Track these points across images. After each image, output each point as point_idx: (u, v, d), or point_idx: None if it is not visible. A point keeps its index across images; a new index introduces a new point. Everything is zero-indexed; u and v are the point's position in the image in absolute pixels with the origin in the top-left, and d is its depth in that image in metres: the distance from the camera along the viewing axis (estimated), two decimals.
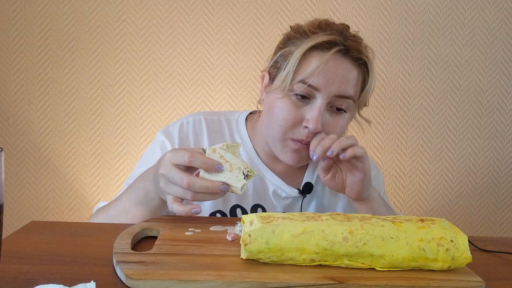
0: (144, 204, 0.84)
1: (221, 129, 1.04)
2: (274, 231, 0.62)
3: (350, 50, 0.92)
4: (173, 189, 0.75)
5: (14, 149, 1.56)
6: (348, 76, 0.92)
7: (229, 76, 1.57)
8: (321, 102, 0.91)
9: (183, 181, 0.73)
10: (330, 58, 0.91)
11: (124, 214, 0.86)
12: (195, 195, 0.74)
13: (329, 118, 0.93)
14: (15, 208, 1.57)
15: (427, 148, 1.64)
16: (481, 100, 1.64)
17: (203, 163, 0.74)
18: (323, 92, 0.91)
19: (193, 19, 1.55)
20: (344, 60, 0.92)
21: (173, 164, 0.75)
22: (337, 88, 0.91)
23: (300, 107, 0.92)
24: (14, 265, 0.61)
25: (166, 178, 0.75)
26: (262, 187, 1.03)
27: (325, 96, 0.91)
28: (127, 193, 0.87)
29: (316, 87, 0.90)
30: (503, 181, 1.67)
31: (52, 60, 1.54)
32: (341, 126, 0.95)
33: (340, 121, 0.94)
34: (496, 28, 1.60)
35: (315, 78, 0.90)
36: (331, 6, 1.56)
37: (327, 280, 0.58)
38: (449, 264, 0.62)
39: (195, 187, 0.73)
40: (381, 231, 0.62)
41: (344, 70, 0.92)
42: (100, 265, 0.63)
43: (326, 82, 0.90)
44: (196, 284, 0.56)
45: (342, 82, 0.91)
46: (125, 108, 1.56)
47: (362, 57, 0.93)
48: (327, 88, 0.90)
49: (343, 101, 0.93)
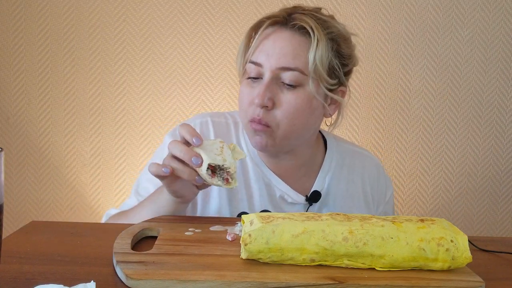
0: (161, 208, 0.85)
1: (228, 132, 1.03)
2: (274, 231, 0.62)
3: (289, 21, 0.92)
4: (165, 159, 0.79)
5: (14, 149, 1.56)
6: (287, 47, 0.90)
7: (229, 76, 1.57)
8: (266, 77, 0.91)
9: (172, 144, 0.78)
10: (271, 33, 0.92)
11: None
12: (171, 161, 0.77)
13: (281, 95, 0.91)
14: (15, 208, 1.57)
15: (427, 148, 1.64)
16: (481, 100, 1.64)
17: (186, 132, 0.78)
18: (265, 66, 0.91)
19: (193, 19, 1.55)
20: (283, 32, 0.91)
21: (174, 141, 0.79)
22: (277, 60, 0.90)
23: (254, 88, 0.92)
24: (14, 265, 0.61)
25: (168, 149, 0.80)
26: (268, 193, 1.00)
27: (267, 69, 0.90)
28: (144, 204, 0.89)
29: (259, 63, 0.91)
30: (503, 181, 1.67)
31: (52, 60, 1.54)
32: (295, 101, 0.91)
33: (292, 97, 0.91)
34: (496, 28, 1.60)
35: (257, 54, 0.92)
36: (331, 6, 1.56)
37: (327, 280, 0.58)
38: (449, 264, 0.62)
39: (174, 150, 0.77)
40: (381, 231, 0.62)
41: (284, 41, 0.91)
42: (100, 265, 0.63)
43: (266, 56, 0.90)
44: (196, 284, 0.56)
45: (282, 54, 0.90)
46: (125, 108, 1.56)
47: (302, 25, 0.91)
48: (268, 61, 0.90)
49: (289, 74, 0.90)
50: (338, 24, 0.96)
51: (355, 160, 1.08)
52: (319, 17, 0.94)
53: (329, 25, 0.94)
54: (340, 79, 0.96)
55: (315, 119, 0.96)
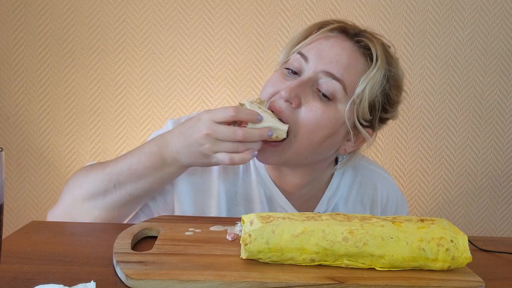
0: (159, 170, 0.82)
1: None
2: (274, 231, 0.62)
3: (356, 35, 0.86)
4: (223, 146, 0.76)
5: (14, 149, 1.56)
6: (343, 57, 0.83)
7: (229, 76, 1.57)
8: (305, 75, 0.83)
9: (238, 134, 0.75)
10: (332, 37, 0.85)
11: (127, 174, 0.82)
12: (246, 145, 0.77)
13: (311, 99, 0.82)
14: (15, 208, 1.57)
15: (427, 148, 1.64)
16: (481, 100, 1.64)
17: (248, 114, 0.76)
18: (310, 63, 0.83)
19: (193, 19, 1.55)
20: (345, 42, 0.85)
21: (217, 122, 0.76)
22: (327, 63, 0.82)
23: (287, 80, 0.85)
24: (14, 265, 0.61)
25: (214, 137, 0.76)
26: (270, 209, 0.93)
27: (311, 68, 0.83)
28: (134, 156, 0.83)
29: (306, 56, 0.84)
30: (503, 181, 1.67)
31: (52, 60, 1.54)
32: (321, 113, 0.82)
33: (321, 107, 0.82)
34: (496, 28, 1.60)
35: (309, 49, 0.85)
36: (331, 6, 1.56)
37: (327, 280, 0.58)
38: (449, 264, 0.62)
39: (252, 137, 0.75)
40: (381, 231, 0.62)
41: (342, 50, 0.84)
42: (100, 265, 0.63)
43: (318, 54, 0.83)
44: (196, 284, 0.56)
45: (335, 60, 0.83)
46: (125, 108, 1.56)
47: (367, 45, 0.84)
48: (316, 60, 0.83)
49: (330, 82, 0.82)
50: (400, 69, 0.89)
51: (366, 179, 1.00)
52: (387, 49, 0.88)
53: (393, 63, 0.87)
54: (374, 121, 0.88)
55: (331, 145, 0.87)
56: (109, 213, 0.84)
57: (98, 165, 0.87)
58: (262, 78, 1.57)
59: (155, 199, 0.92)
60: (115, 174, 0.83)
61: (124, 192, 0.83)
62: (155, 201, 0.92)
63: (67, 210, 0.85)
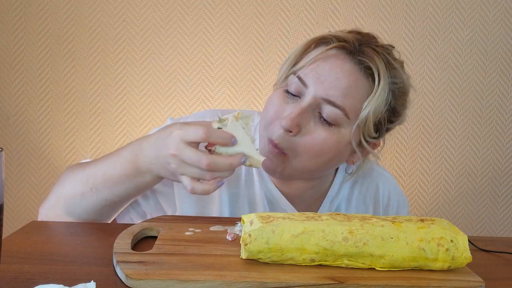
0: (133, 178, 0.78)
1: None
2: (274, 231, 0.62)
3: (357, 54, 0.81)
4: (188, 170, 0.70)
5: (14, 149, 1.56)
6: (343, 81, 0.80)
7: (229, 76, 1.57)
8: (306, 101, 0.80)
9: (202, 162, 0.68)
10: (331, 56, 0.81)
11: (102, 179, 0.79)
12: (213, 175, 0.70)
13: (312, 125, 0.81)
14: (15, 208, 1.57)
15: (427, 148, 1.64)
16: (481, 100, 1.64)
17: (221, 138, 0.69)
18: (309, 89, 0.80)
19: (193, 19, 1.55)
20: (345, 63, 0.81)
21: (186, 142, 0.70)
22: (326, 90, 0.79)
23: (287, 103, 0.82)
24: (14, 265, 0.61)
25: (180, 159, 0.70)
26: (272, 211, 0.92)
27: (311, 94, 0.80)
28: (111, 161, 0.80)
29: (305, 81, 0.81)
30: (503, 181, 1.67)
31: (52, 60, 1.54)
32: (323, 140, 0.81)
33: (323, 133, 0.81)
34: (496, 28, 1.60)
35: (307, 72, 0.81)
36: (331, 6, 1.56)
37: (327, 280, 0.58)
38: (449, 264, 0.62)
39: (219, 167, 0.69)
40: (381, 231, 0.62)
41: (342, 73, 0.80)
42: (100, 265, 0.63)
43: (317, 79, 0.80)
44: (196, 284, 0.56)
45: (334, 85, 0.80)
46: (125, 108, 1.56)
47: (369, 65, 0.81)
48: (316, 85, 0.80)
49: (331, 110, 0.80)
50: (404, 74, 0.86)
51: (368, 179, 1.00)
52: (390, 61, 0.84)
53: (396, 73, 0.84)
54: (380, 133, 0.87)
55: (337, 162, 0.88)
56: (89, 215, 0.83)
57: (83, 165, 0.85)
58: (262, 78, 1.57)
59: (147, 198, 0.91)
60: (92, 177, 0.81)
61: (101, 196, 0.81)
62: (147, 200, 0.91)
63: (52, 207, 0.84)
